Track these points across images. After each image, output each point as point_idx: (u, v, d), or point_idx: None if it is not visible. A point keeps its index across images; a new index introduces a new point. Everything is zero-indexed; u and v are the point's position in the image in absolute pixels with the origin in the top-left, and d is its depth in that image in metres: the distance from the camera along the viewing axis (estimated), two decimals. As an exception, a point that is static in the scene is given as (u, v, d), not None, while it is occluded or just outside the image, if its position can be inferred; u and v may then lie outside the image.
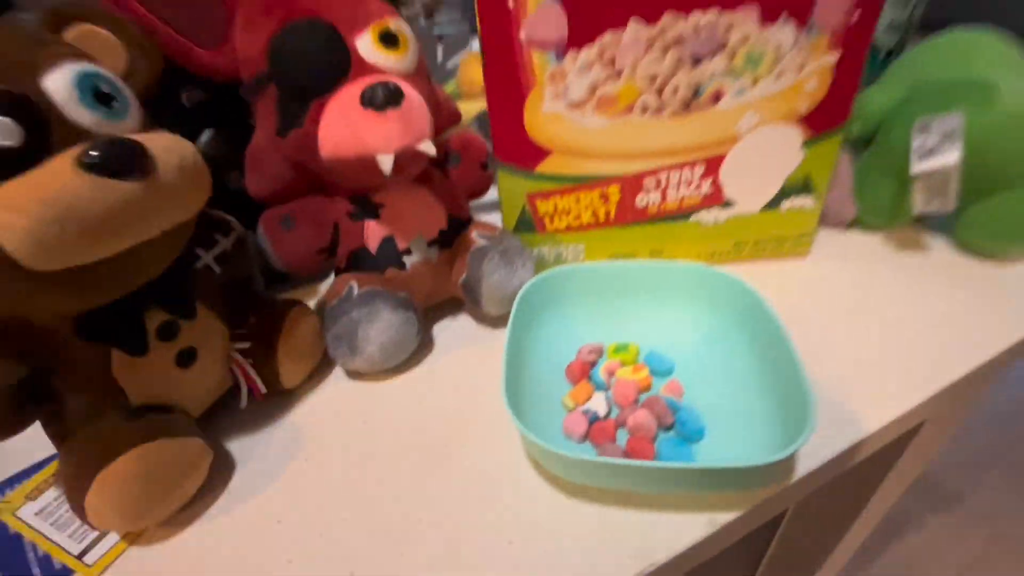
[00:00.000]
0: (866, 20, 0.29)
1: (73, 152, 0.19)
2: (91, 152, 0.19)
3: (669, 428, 0.27)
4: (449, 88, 0.66)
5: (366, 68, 0.27)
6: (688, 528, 0.23)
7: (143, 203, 0.20)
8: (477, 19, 0.28)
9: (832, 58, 0.30)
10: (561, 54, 0.29)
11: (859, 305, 0.34)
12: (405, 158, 0.27)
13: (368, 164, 0.27)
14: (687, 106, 0.31)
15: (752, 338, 0.28)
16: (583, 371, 0.30)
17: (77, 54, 0.21)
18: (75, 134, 0.20)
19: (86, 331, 0.23)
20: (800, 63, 0.30)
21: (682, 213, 0.35)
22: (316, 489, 0.26)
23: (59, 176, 0.18)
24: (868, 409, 0.27)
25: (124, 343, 0.24)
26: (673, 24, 0.28)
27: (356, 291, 0.30)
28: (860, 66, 0.30)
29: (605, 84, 0.30)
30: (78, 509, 0.22)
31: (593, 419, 0.27)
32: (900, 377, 0.29)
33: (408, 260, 0.32)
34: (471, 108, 0.56)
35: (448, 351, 0.34)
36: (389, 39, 0.28)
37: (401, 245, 0.32)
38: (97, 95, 0.21)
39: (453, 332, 0.35)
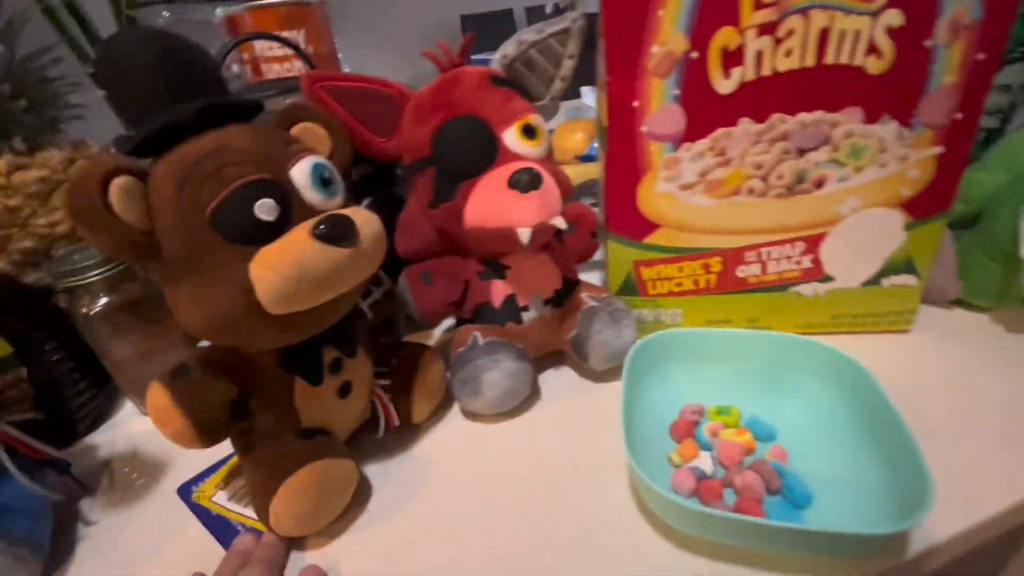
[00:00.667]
0: (969, 117, 0.31)
1: (307, 224, 0.25)
2: (321, 225, 0.24)
3: (775, 492, 0.28)
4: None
5: (510, 156, 0.33)
6: (798, 592, 0.24)
7: (351, 264, 0.26)
8: (605, 112, 0.33)
9: (935, 151, 0.32)
10: (677, 145, 0.33)
11: (965, 382, 0.34)
12: (540, 231, 0.31)
13: (507, 235, 0.32)
14: (791, 190, 0.34)
15: (859, 411, 0.29)
16: (688, 430, 0.32)
17: (308, 149, 0.28)
18: (307, 210, 0.26)
19: (284, 363, 0.28)
20: (903, 155, 0.32)
21: (781, 285, 0.37)
22: (443, 515, 0.30)
23: (299, 243, 0.24)
24: (985, 491, 0.27)
25: (308, 374, 0.29)
26: (780, 122, 0.32)
27: (481, 341, 0.34)
28: (964, 158, 0.32)
29: (715, 170, 0.33)
30: (262, 512, 0.27)
31: (700, 476, 0.29)
32: (1017, 458, 0.28)
33: (525, 316, 0.36)
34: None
35: (554, 400, 0.37)
36: (529, 132, 0.33)
37: (521, 302, 0.36)
38: (322, 180, 0.27)
39: (557, 383, 0.39)
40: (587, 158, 0.65)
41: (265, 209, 0.24)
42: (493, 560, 0.27)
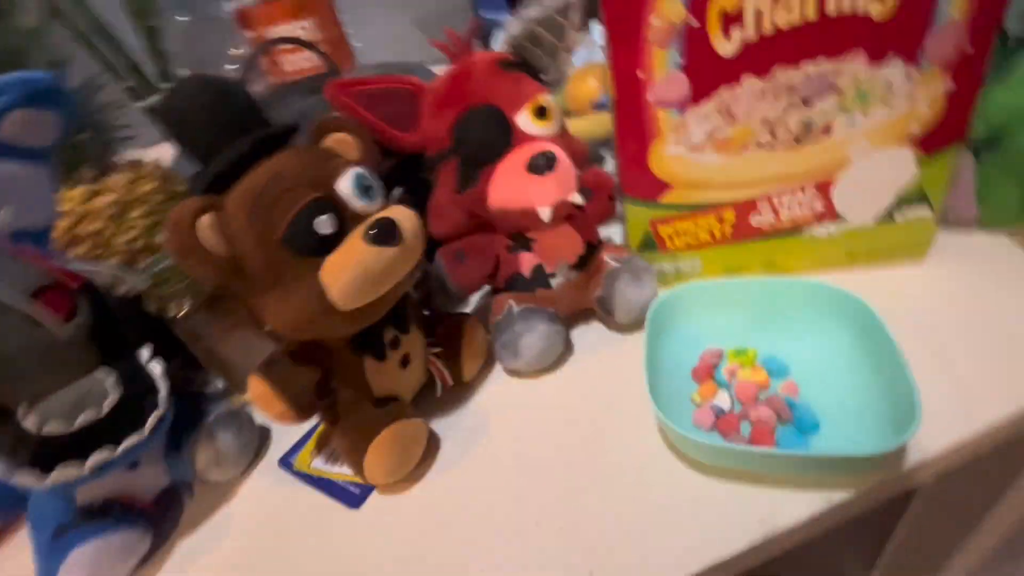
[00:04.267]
0: (980, 49, 0.31)
1: (359, 231, 0.29)
2: (371, 231, 0.28)
3: (787, 422, 0.32)
4: (557, 100, 0.73)
5: (525, 138, 0.35)
6: (807, 504, 0.28)
7: (401, 259, 0.30)
8: (611, 83, 0.34)
9: (946, 86, 0.32)
10: (683, 110, 0.34)
11: (979, 307, 0.36)
12: (560, 208, 0.34)
13: (529, 214, 0.35)
14: (799, 140, 0.35)
15: (864, 345, 0.32)
16: (708, 372, 0.36)
17: (345, 160, 0.31)
18: (355, 217, 0.30)
19: (354, 345, 0.33)
20: (911, 93, 0.33)
21: (795, 229, 0.39)
22: (498, 459, 0.35)
23: (357, 250, 0.28)
24: (985, 406, 0.30)
25: (374, 353, 0.34)
26: (784, 76, 0.32)
27: (516, 309, 0.39)
28: (975, 91, 0.32)
29: (722, 129, 0.35)
30: (358, 467, 0.33)
31: (719, 413, 0.33)
32: (1017, 375, 0.31)
33: (554, 281, 0.40)
34: (578, 125, 0.63)
35: (586, 354, 0.41)
36: (541, 112, 0.35)
37: (549, 270, 0.40)
38: (363, 188, 0.31)
39: (589, 338, 0.43)
40: (602, 105, 0.65)
41: (324, 224, 0.28)
42: (545, 494, 0.32)
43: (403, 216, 0.31)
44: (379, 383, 0.35)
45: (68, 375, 0.30)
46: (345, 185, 0.30)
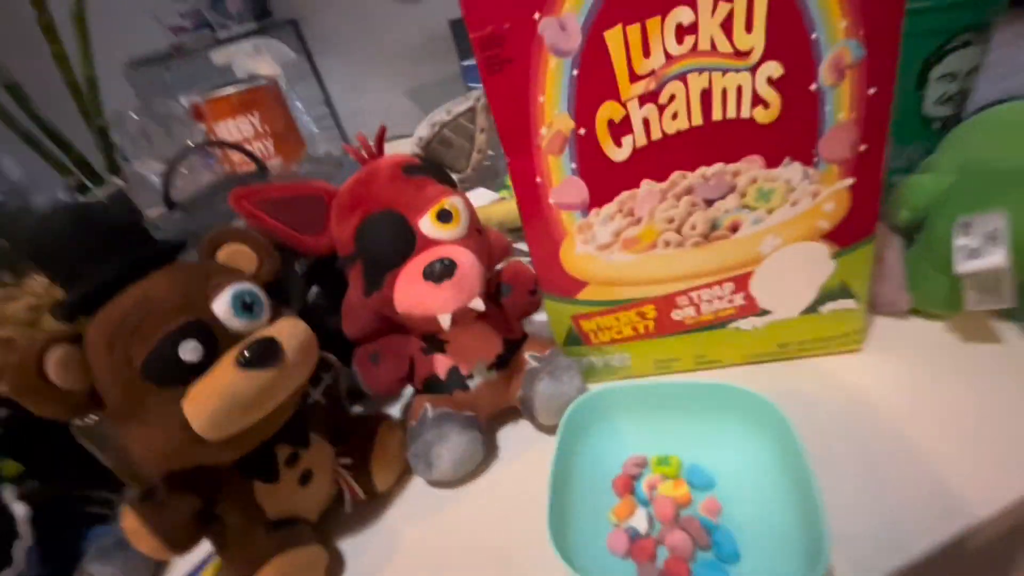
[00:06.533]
0: (875, 147, 0.31)
1: (232, 354, 0.27)
2: (244, 354, 0.27)
3: (705, 549, 0.29)
4: (502, 193, 0.74)
5: (428, 242, 0.34)
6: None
7: (279, 381, 0.28)
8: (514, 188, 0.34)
9: (846, 183, 0.32)
10: (585, 212, 0.34)
11: (919, 399, 0.34)
12: (459, 314, 0.33)
13: (431, 320, 0.33)
14: (707, 238, 0.34)
15: (783, 459, 0.30)
16: (627, 486, 0.33)
17: (229, 279, 0.30)
18: (231, 337, 0.28)
19: (239, 469, 0.31)
20: (813, 191, 0.32)
21: (719, 323, 0.38)
22: (406, 587, 0.32)
23: (225, 375, 0.27)
24: (917, 531, 0.27)
25: (263, 475, 0.32)
26: (682, 178, 0.32)
27: (430, 413, 0.37)
28: (878, 183, 0.32)
29: (627, 229, 0.34)
30: (238, 607, 0.30)
31: (634, 535, 0.30)
32: (951, 491, 0.28)
33: (471, 383, 0.38)
34: (506, 207, 0.63)
35: (512, 457, 0.39)
36: (444, 216, 0.35)
37: (464, 371, 0.38)
38: (243, 306, 0.29)
39: (515, 437, 0.40)
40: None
41: (189, 351, 0.27)
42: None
43: (289, 333, 0.30)
44: (273, 505, 0.33)
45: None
46: (222, 305, 0.29)
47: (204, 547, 0.36)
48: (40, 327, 0.43)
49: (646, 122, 0.30)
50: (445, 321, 0.33)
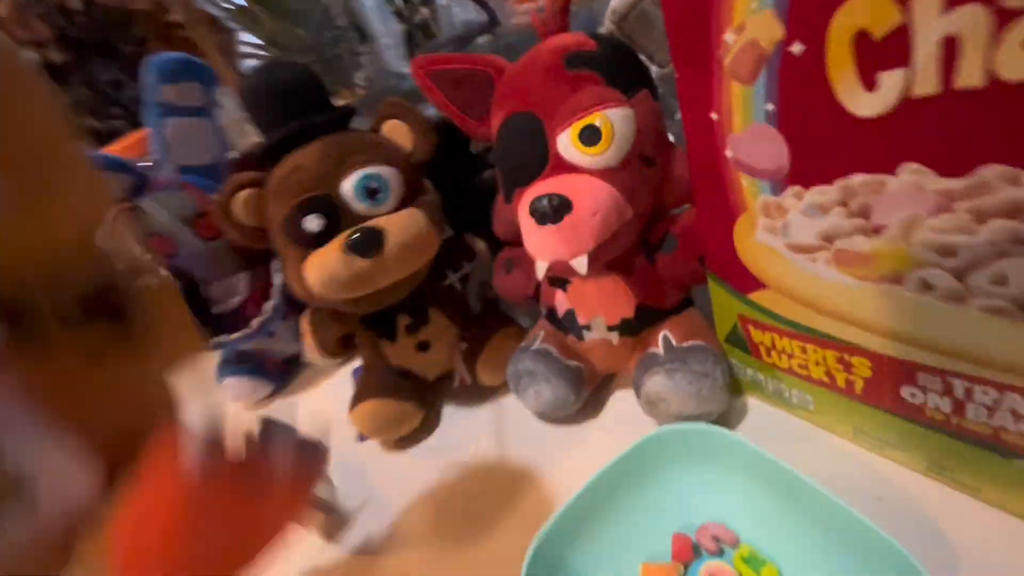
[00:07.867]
0: None
1: (343, 236, 0.30)
2: (349, 239, 0.29)
3: None
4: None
5: (563, 165, 0.27)
6: None
7: (375, 270, 0.30)
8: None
9: None
10: (779, 186, 0.20)
11: None
12: (559, 267, 0.27)
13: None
14: (1021, 308, 0.16)
15: None
16: (685, 551, 0.25)
17: (365, 160, 0.31)
18: (353, 217, 0.31)
19: (365, 324, 0.37)
20: None
21: (999, 445, 0.20)
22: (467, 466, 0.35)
23: (331, 253, 0.30)
24: None
25: (383, 334, 0.37)
26: (1001, 181, 0.15)
27: (535, 345, 0.34)
28: None
29: (852, 236, 0.19)
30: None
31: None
32: None
33: (587, 335, 0.33)
34: None
35: (613, 426, 0.34)
36: (588, 135, 0.26)
37: (581, 320, 0.32)
38: (368, 191, 0.31)
39: (626, 407, 0.34)
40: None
41: (311, 223, 0.30)
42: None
43: (400, 227, 0.30)
44: (395, 357, 0.38)
45: (222, 272, 0.43)
46: (348, 186, 0.30)
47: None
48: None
49: (948, 46, 0.14)
50: (540, 270, 0.27)
